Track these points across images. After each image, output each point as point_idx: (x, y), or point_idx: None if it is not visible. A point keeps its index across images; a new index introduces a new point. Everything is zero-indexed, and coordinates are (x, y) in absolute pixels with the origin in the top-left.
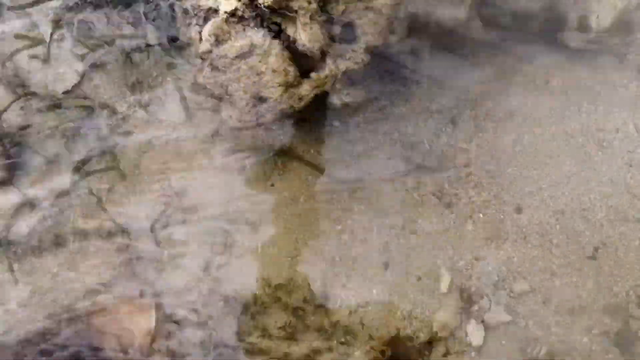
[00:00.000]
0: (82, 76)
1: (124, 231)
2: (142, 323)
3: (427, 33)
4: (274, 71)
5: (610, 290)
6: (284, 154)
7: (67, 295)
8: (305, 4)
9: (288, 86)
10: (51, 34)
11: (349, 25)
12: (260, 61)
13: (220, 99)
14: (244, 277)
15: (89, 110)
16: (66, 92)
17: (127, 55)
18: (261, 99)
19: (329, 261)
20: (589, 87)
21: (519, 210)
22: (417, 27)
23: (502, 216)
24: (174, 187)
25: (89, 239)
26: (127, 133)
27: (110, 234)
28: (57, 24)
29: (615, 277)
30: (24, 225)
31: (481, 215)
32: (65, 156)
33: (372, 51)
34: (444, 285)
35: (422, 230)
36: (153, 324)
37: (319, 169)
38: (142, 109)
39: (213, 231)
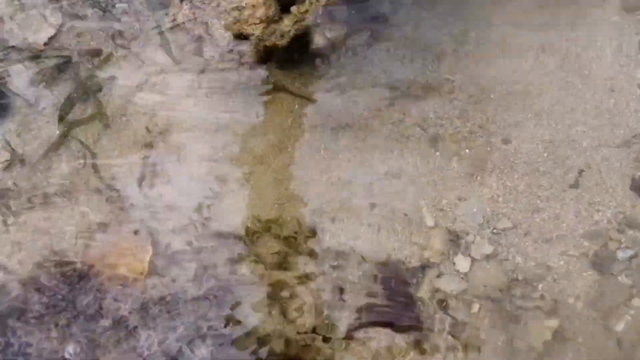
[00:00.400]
0: (60, 27)
1: (111, 187)
2: (137, 259)
3: None
4: (253, 6)
5: (590, 218)
6: (271, 89)
7: (60, 238)
8: None
9: (269, 22)
10: None
11: None
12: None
13: (201, 38)
14: (234, 215)
15: (69, 59)
16: (45, 44)
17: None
18: (242, 37)
19: (316, 200)
20: (570, 21)
21: (506, 141)
22: None
23: (489, 148)
24: (160, 131)
25: (79, 191)
26: (111, 78)
27: (98, 190)
28: None
29: (597, 205)
30: (15, 180)
31: (467, 150)
32: (49, 104)
33: None
34: (429, 221)
35: (407, 168)
36: (148, 259)
37: (306, 98)
38: (123, 53)
39: (201, 173)
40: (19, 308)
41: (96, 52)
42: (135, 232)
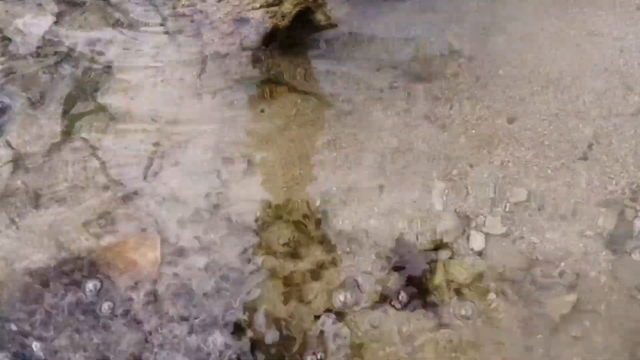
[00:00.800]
0: (58, 17)
1: (118, 181)
2: (148, 252)
3: None
4: None
5: (604, 189)
6: (272, 82)
7: (70, 233)
8: None
9: (269, 5)
10: None
11: None
12: None
13: (201, 24)
14: (243, 203)
15: (69, 52)
16: (43, 37)
17: None
18: (243, 20)
19: (325, 184)
20: None
21: (511, 120)
22: None
23: (494, 127)
24: (163, 127)
25: (86, 189)
26: (111, 70)
27: (105, 186)
28: None
29: (609, 175)
30: (18, 181)
31: (474, 131)
32: (51, 100)
33: None
34: (438, 204)
35: (417, 143)
36: (159, 252)
37: (309, 92)
38: (122, 41)
39: (208, 165)
40: (30, 304)
41: (95, 42)
42: (143, 229)
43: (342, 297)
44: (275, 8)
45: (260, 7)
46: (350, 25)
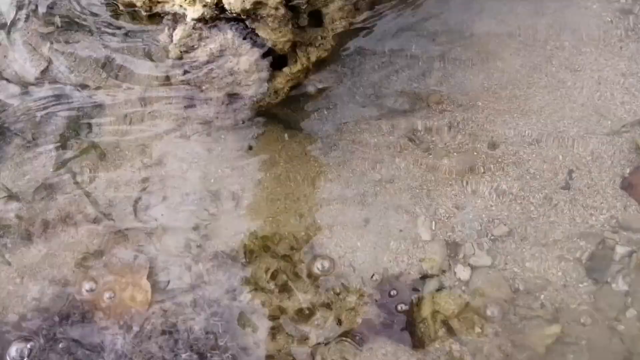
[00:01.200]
0: (50, 60)
1: (108, 216)
2: (137, 291)
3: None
4: (246, 71)
5: (585, 223)
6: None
7: (59, 269)
8: (273, 11)
9: (262, 82)
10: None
11: (316, 14)
12: (231, 62)
13: (192, 97)
14: (230, 237)
15: (62, 91)
16: (37, 77)
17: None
18: (236, 95)
19: (311, 218)
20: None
21: (493, 146)
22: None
23: (475, 153)
24: (152, 163)
25: (77, 224)
26: (100, 107)
27: (96, 219)
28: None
29: (590, 210)
30: (14, 212)
31: (456, 154)
32: (43, 139)
33: (340, 34)
34: (425, 235)
35: (398, 180)
36: (149, 291)
37: (295, 127)
38: (113, 80)
39: (195, 201)
40: (21, 339)
41: (86, 86)
42: (135, 258)
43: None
44: (267, 84)
45: (253, 83)
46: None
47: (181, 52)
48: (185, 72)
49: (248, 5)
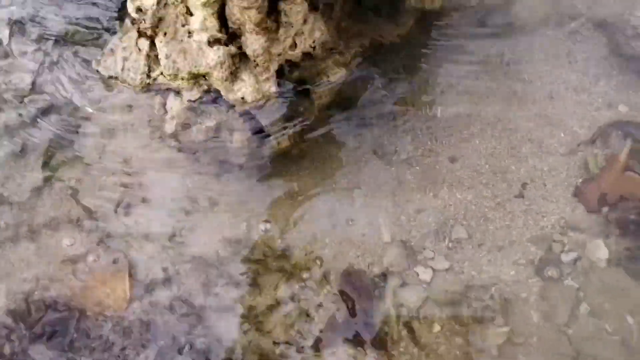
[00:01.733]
0: (39, 71)
1: (93, 217)
2: (118, 290)
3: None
4: (239, 147)
5: (537, 225)
6: None
7: (42, 271)
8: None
9: (253, 154)
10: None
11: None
12: (226, 137)
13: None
14: (206, 243)
15: (50, 104)
16: (27, 89)
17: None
18: (226, 161)
19: (283, 222)
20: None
21: (453, 159)
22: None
23: (437, 166)
24: (135, 171)
25: (60, 227)
26: (86, 119)
27: (79, 220)
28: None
29: (543, 213)
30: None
31: (418, 167)
32: (32, 151)
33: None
34: (386, 236)
35: (363, 186)
36: (128, 290)
37: None
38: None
39: (173, 208)
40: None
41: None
42: (115, 261)
43: (295, 328)
44: (258, 149)
45: (245, 154)
46: None
47: (177, 130)
48: (180, 142)
49: (259, 96)
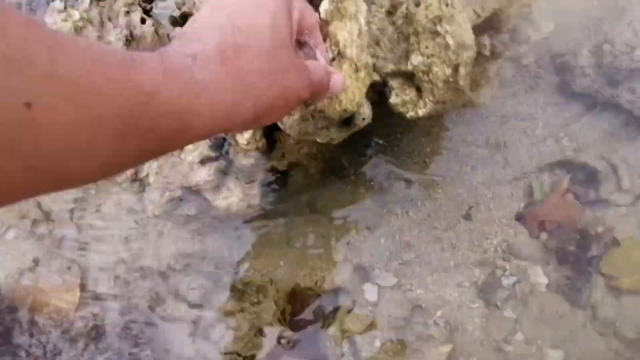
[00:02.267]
0: None
1: (48, 218)
2: (67, 297)
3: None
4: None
5: (481, 247)
6: None
7: None
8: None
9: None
10: None
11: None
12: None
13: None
14: (157, 255)
15: None
16: None
17: None
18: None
19: (234, 239)
20: None
21: (408, 184)
22: None
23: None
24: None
25: (12, 229)
26: None
27: (34, 222)
28: None
29: (486, 235)
30: None
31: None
32: None
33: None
34: (337, 257)
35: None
36: (77, 296)
37: None
38: None
39: (130, 207)
40: None
41: None
42: (68, 267)
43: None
44: None
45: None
46: None
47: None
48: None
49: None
